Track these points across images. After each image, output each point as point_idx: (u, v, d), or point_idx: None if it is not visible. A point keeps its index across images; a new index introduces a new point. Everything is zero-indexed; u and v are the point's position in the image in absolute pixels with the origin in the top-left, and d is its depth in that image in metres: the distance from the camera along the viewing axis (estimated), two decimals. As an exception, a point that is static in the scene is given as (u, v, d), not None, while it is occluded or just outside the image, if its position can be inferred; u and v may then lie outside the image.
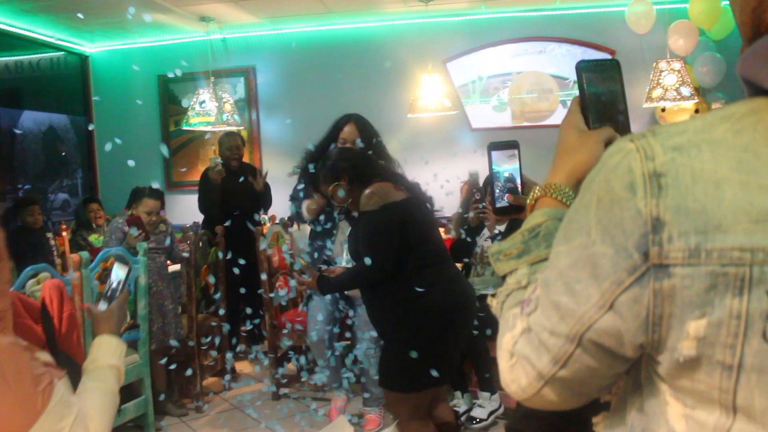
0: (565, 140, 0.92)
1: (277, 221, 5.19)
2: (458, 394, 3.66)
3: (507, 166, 1.24)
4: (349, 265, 2.94)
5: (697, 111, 5.29)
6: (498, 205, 1.18)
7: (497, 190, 1.21)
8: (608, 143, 0.88)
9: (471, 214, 3.83)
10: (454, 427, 2.80)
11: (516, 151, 1.22)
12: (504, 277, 0.87)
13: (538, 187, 0.91)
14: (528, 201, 0.93)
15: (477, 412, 3.54)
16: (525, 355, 0.73)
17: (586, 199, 0.68)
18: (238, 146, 4.90)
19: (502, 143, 1.14)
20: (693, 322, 0.61)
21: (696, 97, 5.03)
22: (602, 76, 0.90)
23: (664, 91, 4.95)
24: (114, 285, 1.76)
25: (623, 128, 0.89)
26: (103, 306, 1.71)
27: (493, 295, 0.87)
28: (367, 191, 2.58)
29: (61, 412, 1.25)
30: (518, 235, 0.88)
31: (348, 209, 2.81)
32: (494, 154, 1.13)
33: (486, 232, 3.81)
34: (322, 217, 3.35)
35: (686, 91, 4.96)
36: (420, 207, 2.65)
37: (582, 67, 0.90)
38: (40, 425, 1.20)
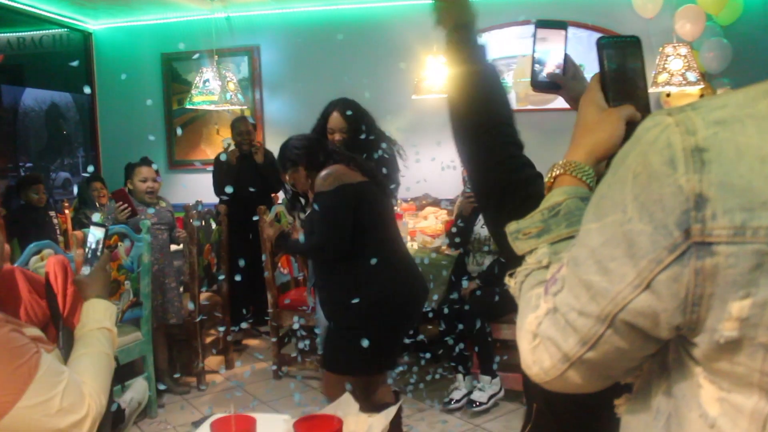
0: (584, 117, 0.91)
1: (279, 201, 5.20)
2: (459, 377, 3.68)
3: (552, 46, 1.22)
4: None
5: (702, 97, 5.26)
6: (538, 78, 1.16)
7: (537, 65, 1.19)
8: (629, 121, 0.88)
9: (460, 199, 3.83)
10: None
11: (564, 33, 1.19)
12: (521, 257, 0.86)
13: (557, 165, 0.90)
14: (546, 180, 0.91)
15: (477, 396, 3.56)
16: (550, 336, 0.71)
17: (620, 174, 0.66)
18: (249, 131, 4.95)
19: (551, 21, 1.10)
20: (736, 303, 0.59)
21: (702, 83, 5.00)
22: (623, 53, 0.89)
23: (669, 76, 4.92)
24: (93, 247, 1.74)
25: (643, 106, 0.88)
26: (85, 271, 1.70)
27: (511, 275, 0.85)
28: (322, 173, 2.60)
29: (51, 381, 1.25)
30: (537, 214, 0.86)
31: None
32: (540, 32, 1.07)
33: (481, 219, 3.80)
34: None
35: (692, 76, 4.93)
36: (376, 192, 2.65)
37: (603, 43, 0.89)
38: (30, 395, 1.21)
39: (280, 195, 5.28)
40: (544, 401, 1.24)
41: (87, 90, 6.38)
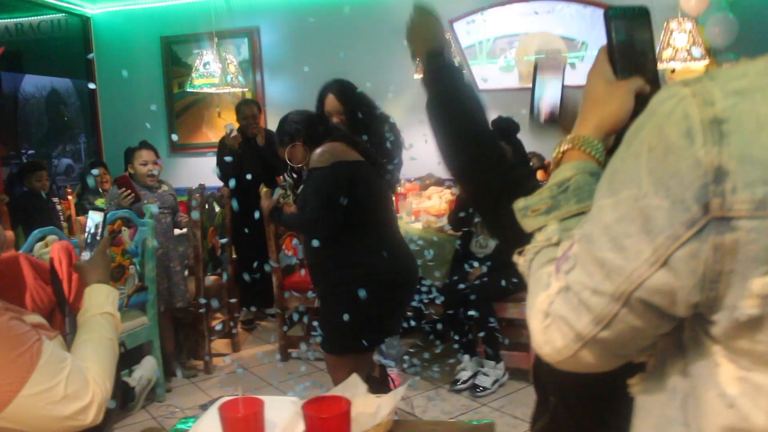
0: (592, 91, 0.88)
1: (283, 183, 5.18)
2: (465, 358, 3.68)
3: (551, 82, 1.21)
4: None
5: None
6: (537, 119, 1.18)
7: (536, 104, 1.21)
8: (638, 94, 0.85)
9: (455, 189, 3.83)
10: (376, 381, 2.79)
11: (563, 67, 1.20)
12: (529, 234, 0.84)
13: (565, 140, 0.88)
14: (554, 154, 0.89)
15: (481, 380, 3.57)
16: (562, 316, 0.69)
17: (634, 148, 0.64)
18: (254, 114, 4.92)
19: (551, 57, 1.04)
20: (758, 279, 0.57)
21: (707, 58, 4.95)
22: (631, 24, 0.87)
23: (674, 52, 4.87)
24: (92, 231, 1.71)
25: (652, 78, 0.86)
26: (85, 256, 1.67)
27: (520, 252, 0.84)
28: (318, 149, 2.58)
29: (54, 368, 1.23)
30: (546, 190, 0.85)
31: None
32: (540, 67, 1.02)
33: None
34: None
35: (697, 51, 4.87)
36: (371, 172, 2.63)
37: (611, 14, 0.87)
38: (33, 384, 1.19)
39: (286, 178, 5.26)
40: (556, 393, 1.22)
41: (91, 85, 6.34)
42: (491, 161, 1.22)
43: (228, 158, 4.29)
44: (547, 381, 1.26)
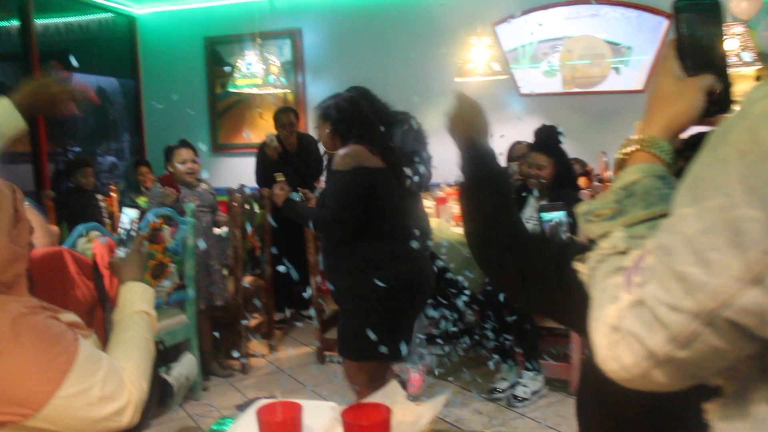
0: (660, 88, 0.83)
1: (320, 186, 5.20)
2: (504, 366, 3.62)
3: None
4: None
5: (758, 78, 5.07)
6: None
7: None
8: (709, 92, 0.81)
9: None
10: None
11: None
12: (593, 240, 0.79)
13: (630, 141, 0.83)
14: (617, 156, 0.85)
15: (520, 391, 3.50)
16: (633, 332, 0.64)
17: (722, 152, 0.59)
18: (291, 122, 4.95)
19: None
20: None
21: (759, 63, 4.81)
22: (702, 18, 0.82)
23: (724, 57, 4.74)
24: (127, 228, 1.70)
25: (723, 75, 0.81)
26: (120, 253, 1.65)
27: (581, 260, 0.80)
28: (341, 151, 2.57)
29: (90, 368, 1.21)
30: (610, 194, 0.80)
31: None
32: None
33: (532, 201, 3.70)
34: None
35: (748, 56, 4.74)
36: (391, 180, 2.61)
37: (680, 6, 0.82)
38: (69, 385, 1.17)
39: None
40: (604, 407, 1.16)
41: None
42: (515, 250, 1.19)
43: (266, 166, 4.35)
44: (596, 413, 1.21)
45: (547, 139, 3.62)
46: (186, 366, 3.39)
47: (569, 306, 0.97)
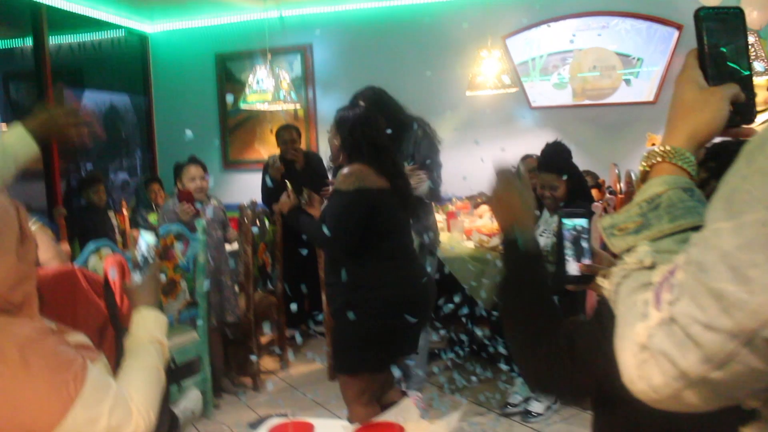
0: (682, 98, 0.81)
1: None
2: (517, 381, 3.59)
3: (581, 237, 1.17)
4: None
5: (771, 88, 5.03)
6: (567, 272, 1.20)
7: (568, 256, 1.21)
8: (734, 101, 0.78)
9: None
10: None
11: (588, 220, 1.18)
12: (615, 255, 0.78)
13: (652, 153, 0.81)
14: (640, 168, 0.82)
15: (534, 407, 3.46)
16: (663, 351, 0.61)
17: (760, 164, 0.56)
18: (293, 139, 4.94)
19: (576, 212, 0.94)
20: None
21: (771, 73, 4.77)
22: (725, 27, 0.80)
23: (736, 67, 4.71)
24: (144, 253, 1.68)
25: (747, 85, 0.79)
26: (136, 277, 1.63)
27: (604, 276, 0.78)
28: (346, 170, 2.59)
29: (98, 396, 1.19)
30: (634, 207, 0.77)
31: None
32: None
33: (545, 215, 3.65)
34: None
35: (760, 66, 4.70)
36: (394, 200, 2.63)
37: (702, 15, 0.80)
38: (76, 412, 1.15)
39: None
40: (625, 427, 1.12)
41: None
42: (554, 354, 1.14)
43: (269, 184, 4.35)
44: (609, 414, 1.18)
45: (556, 157, 3.54)
46: (191, 400, 3.39)
47: (585, 382, 0.97)
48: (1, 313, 1.19)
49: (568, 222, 1.28)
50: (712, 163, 0.98)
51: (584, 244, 1.31)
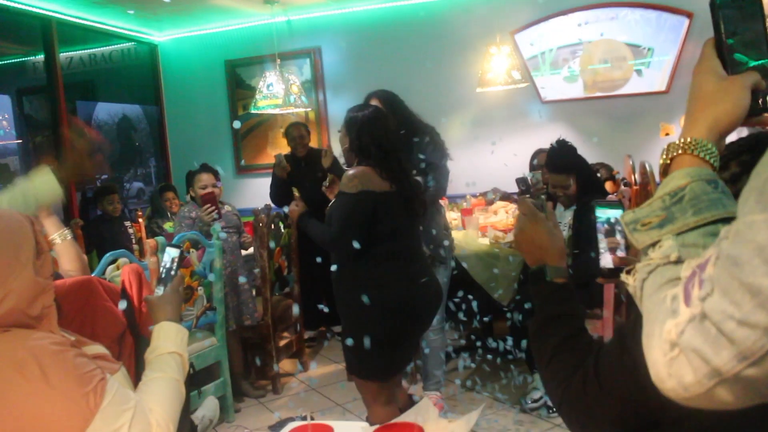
0: (702, 88, 0.79)
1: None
2: (537, 376, 3.57)
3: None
4: None
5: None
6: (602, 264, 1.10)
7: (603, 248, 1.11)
8: (755, 90, 0.77)
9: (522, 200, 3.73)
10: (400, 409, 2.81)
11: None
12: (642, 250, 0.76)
13: (673, 145, 0.79)
14: (660, 161, 0.81)
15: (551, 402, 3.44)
16: (695, 348, 0.60)
17: None
18: (302, 135, 4.94)
19: (610, 203, 0.90)
20: None
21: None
22: (742, 13, 0.78)
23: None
24: (167, 267, 1.68)
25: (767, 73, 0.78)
26: (158, 291, 1.63)
27: (629, 271, 0.76)
28: (350, 172, 2.61)
29: (117, 410, 1.20)
30: (657, 201, 0.76)
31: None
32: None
33: (560, 208, 3.64)
34: None
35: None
36: (397, 202, 2.62)
37: (718, 3, 0.79)
38: (96, 426, 1.16)
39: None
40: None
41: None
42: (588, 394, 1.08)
43: (278, 184, 4.36)
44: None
45: (563, 157, 3.53)
46: (209, 408, 3.41)
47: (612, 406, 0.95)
48: (20, 327, 1.21)
49: (602, 214, 1.24)
50: (746, 157, 0.95)
51: (618, 237, 1.27)
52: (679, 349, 0.61)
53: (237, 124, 5.90)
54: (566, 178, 3.46)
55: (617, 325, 1.00)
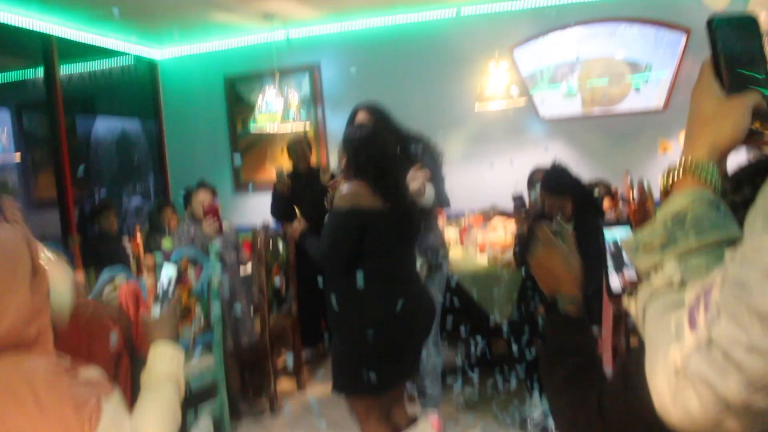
0: (701, 109, 0.79)
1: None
2: (536, 395, 3.54)
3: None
4: None
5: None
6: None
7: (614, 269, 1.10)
8: (756, 111, 0.76)
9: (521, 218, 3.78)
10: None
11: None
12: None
13: (674, 168, 0.78)
14: (662, 183, 0.80)
15: (552, 423, 3.42)
16: (701, 376, 0.58)
17: None
18: (303, 150, 4.94)
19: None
20: None
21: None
22: (739, 34, 0.78)
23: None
24: (165, 287, 1.67)
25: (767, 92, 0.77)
26: (155, 310, 1.61)
27: (630, 295, 0.75)
28: (343, 188, 2.62)
29: None
30: (659, 223, 0.75)
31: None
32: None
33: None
34: None
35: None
36: (390, 220, 2.61)
37: (714, 24, 0.78)
38: None
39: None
40: None
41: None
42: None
43: (279, 202, 4.35)
44: None
45: (557, 180, 3.54)
46: (202, 429, 3.37)
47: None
48: (14, 350, 1.19)
49: (609, 234, 1.22)
50: (760, 180, 0.95)
51: (626, 257, 1.25)
52: (685, 376, 0.59)
53: (238, 161, 5.94)
54: (562, 200, 3.46)
55: (620, 361, 0.98)
